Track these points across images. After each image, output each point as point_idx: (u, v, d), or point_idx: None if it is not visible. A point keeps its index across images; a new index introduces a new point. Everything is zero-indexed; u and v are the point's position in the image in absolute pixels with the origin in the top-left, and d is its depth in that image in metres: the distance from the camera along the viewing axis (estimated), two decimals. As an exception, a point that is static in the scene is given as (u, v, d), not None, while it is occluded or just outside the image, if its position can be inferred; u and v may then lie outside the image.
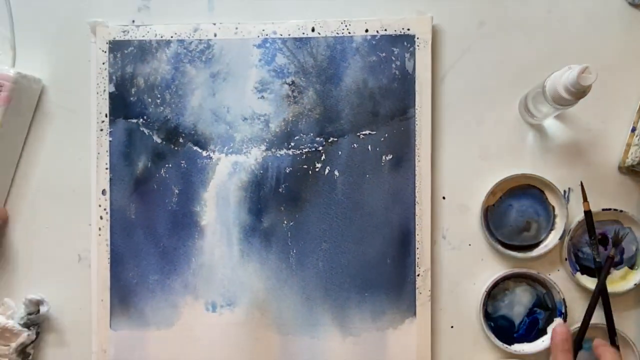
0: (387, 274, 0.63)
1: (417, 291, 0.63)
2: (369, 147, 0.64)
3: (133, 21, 0.66)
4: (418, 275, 0.63)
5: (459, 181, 0.65)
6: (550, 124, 0.64)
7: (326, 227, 0.64)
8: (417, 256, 0.63)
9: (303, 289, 0.63)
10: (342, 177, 0.64)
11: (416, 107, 0.63)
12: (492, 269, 0.64)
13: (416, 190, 0.63)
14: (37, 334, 0.65)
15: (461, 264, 0.65)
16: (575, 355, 0.61)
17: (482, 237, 0.64)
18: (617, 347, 0.62)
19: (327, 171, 0.64)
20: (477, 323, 0.64)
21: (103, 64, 0.65)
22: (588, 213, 0.62)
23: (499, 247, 0.63)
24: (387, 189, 0.63)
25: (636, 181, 0.64)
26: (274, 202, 0.64)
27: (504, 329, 0.64)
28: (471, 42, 0.65)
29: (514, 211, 0.64)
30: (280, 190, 0.64)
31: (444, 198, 0.65)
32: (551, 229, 0.64)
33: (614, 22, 0.65)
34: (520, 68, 0.65)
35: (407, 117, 0.63)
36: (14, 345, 0.63)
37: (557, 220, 0.64)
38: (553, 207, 0.64)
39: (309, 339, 0.63)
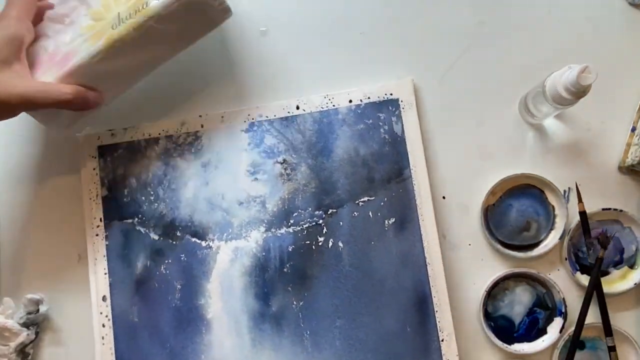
0: (409, 342, 0.59)
1: (443, 357, 0.59)
2: (370, 214, 0.62)
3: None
4: (442, 340, 0.59)
5: (459, 181, 0.64)
6: (550, 124, 0.64)
7: (338, 302, 0.61)
8: (437, 320, 0.59)
9: (323, 372, 0.59)
10: (347, 247, 0.62)
11: (411, 167, 0.63)
12: (492, 269, 0.63)
13: (425, 251, 0.61)
14: (37, 333, 0.63)
15: (461, 264, 0.63)
16: (573, 354, 0.60)
17: (482, 237, 0.63)
18: (613, 347, 0.60)
19: (330, 244, 0.62)
20: (477, 323, 0.62)
21: (94, 169, 0.65)
22: (583, 214, 0.61)
23: (499, 247, 0.62)
24: (395, 253, 0.61)
25: (636, 181, 0.64)
26: (281, 283, 0.61)
27: (504, 329, 0.62)
28: (471, 42, 0.65)
29: (514, 211, 0.63)
30: (285, 270, 0.62)
31: (444, 198, 0.64)
32: (551, 229, 0.63)
33: (614, 22, 0.65)
34: (520, 68, 0.65)
35: (404, 178, 0.62)
36: (13, 344, 0.61)
37: (557, 220, 0.63)
38: (553, 207, 0.63)
39: None
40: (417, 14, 0.67)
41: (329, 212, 0.63)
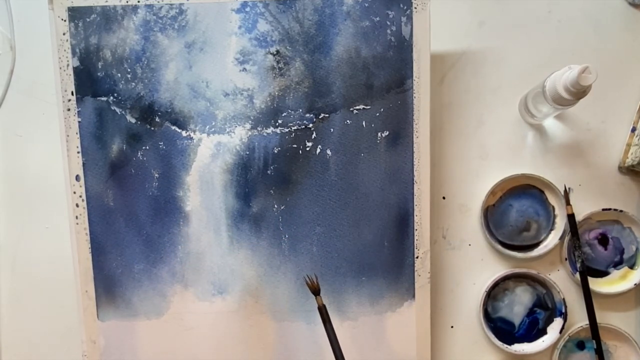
0: (384, 257, 0.60)
1: (416, 273, 0.60)
2: (363, 123, 0.59)
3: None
4: (417, 257, 0.60)
5: (459, 181, 0.64)
6: (550, 124, 0.63)
7: (319, 210, 0.60)
8: (415, 238, 0.60)
9: (297, 275, 0.61)
10: (335, 156, 0.59)
11: (414, 77, 0.58)
12: (492, 269, 0.64)
13: (415, 169, 0.59)
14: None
15: (461, 264, 0.64)
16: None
17: (482, 237, 0.64)
18: (601, 352, 0.61)
19: (318, 150, 0.59)
20: (477, 323, 0.64)
21: (64, 34, 0.58)
22: (571, 217, 0.61)
23: (499, 247, 0.62)
24: (384, 168, 0.59)
25: (636, 181, 0.64)
26: (263, 185, 0.60)
27: (504, 329, 0.63)
28: (471, 42, 0.63)
29: (514, 211, 0.63)
30: (268, 172, 0.59)
31: (444, 198, 0.63)
32: (551, 229, 0.63)
33: (614, 22, 0.63)
34: (520, 68, 0.63)
35: (405, 89, 0.58)
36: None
37: (557, 220, 0.63)
38: (553, 207, 0.63)
39: (305, 324, 0.61)
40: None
41: (320, 117, 0.59)
